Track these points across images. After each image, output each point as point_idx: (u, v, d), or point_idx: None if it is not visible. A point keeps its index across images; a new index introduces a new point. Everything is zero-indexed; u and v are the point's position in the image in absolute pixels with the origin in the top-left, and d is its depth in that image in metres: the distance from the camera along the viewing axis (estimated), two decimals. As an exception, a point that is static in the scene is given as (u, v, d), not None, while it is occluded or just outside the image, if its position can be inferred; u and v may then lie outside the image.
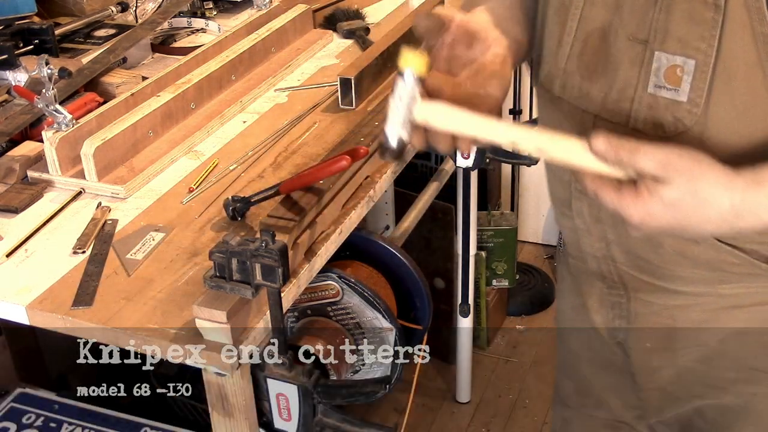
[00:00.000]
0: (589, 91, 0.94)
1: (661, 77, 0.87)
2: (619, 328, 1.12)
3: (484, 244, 2.46)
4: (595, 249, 1.05)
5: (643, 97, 0.89)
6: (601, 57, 0.92)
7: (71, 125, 1.30)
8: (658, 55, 0.87)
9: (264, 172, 1.32)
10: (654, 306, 1.05)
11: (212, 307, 0.96)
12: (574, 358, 1.28)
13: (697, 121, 0.86)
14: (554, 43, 0.98)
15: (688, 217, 0.80)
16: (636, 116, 0.90)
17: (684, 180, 0.79)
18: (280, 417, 1.07)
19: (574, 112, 0.96)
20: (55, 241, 1.18)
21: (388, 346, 1.38)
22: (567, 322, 1.27)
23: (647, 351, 1.10)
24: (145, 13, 1.97)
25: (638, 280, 1.04)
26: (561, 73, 0.97)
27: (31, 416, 1.50)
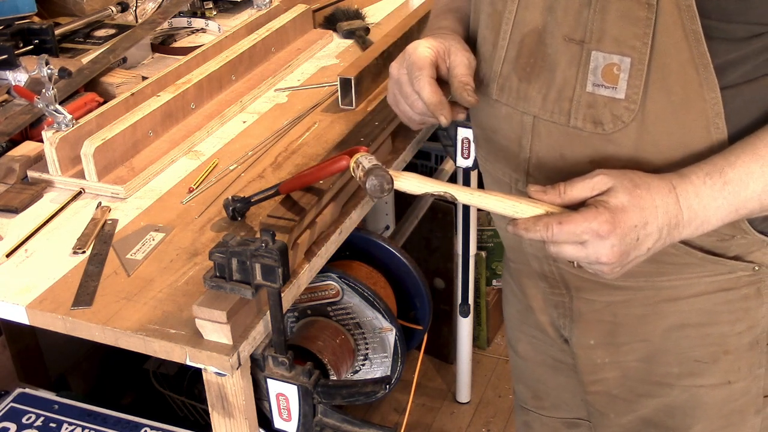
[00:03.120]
0: (528, 93, 0.96)
1: (598, 76, 0.89)
2: (564, 326, 1.14)
3: (484, 244, 2.47)
4: (536, 249, 1.07)
5: (582, 96, 0.91)
6: (538, 58, 0.94)
7: (71, 125, 1.30)
8: (595, 55, 0.89)
9: (264, 172, 1.32)
10: (596, 303, 1.07)
11: (212, 307, 0.96)
12: (525, 363, 1.29)
13: (635, 118, 0.89)
14: (488, 48, 1.00)
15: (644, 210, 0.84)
16: (576, 115, 0.92)
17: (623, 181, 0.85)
18: (280, 417, 1.07)
19: (512, 115, 0.98)
20: (55, 241, 1.18)
21: (388, 347, 1.38)
22: (514, 327, 1.28)
23: (591, 348, 1.11)
24: (145, 13, 1.97)
25: (579, 278, 1.05)
26: (497, 76, 0.99)
27: (31, 416, 1.50)
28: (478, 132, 1.09)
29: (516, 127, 0.98)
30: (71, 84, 1.50)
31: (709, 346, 1.04)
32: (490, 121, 1.03)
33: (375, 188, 0.91)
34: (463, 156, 1.64)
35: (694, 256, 0.97)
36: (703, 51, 0.85)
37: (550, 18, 0.92)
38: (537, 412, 1.32)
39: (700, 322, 1.03)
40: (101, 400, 1.55)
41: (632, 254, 0.86)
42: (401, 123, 1.41)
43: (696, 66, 0.85)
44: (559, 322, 1.15)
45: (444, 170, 2.04)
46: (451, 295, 2.36)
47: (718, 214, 0.87)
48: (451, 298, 2.37)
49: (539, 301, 1.16)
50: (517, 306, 1.24)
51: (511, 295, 1.25)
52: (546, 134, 0.96)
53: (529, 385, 1.31)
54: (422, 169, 2.50)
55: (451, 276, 2.35)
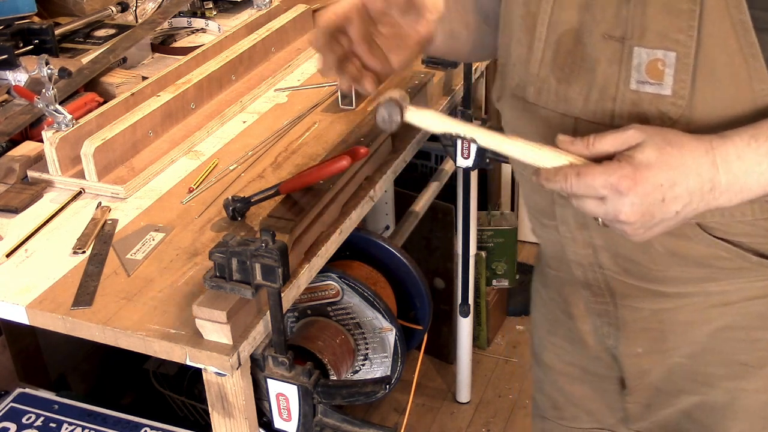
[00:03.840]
0: (568, 94, 0.93)
1: (642, 72, 0.87)
2: (608, 335, 1.11)
3: (484, 244, 2.47)
4: (580, 257, 1.04)
5: (626, 94, 0.88)
6: (576, 58, 0.91)
7: (71, 125, 1.30)
8: (638, 51, 0.86)
9: (264, 172, 1.32)
10: (642, 311, 1.04)
11: (212, 307, 0.96)
12: (548, 372, 1.27)
13: (682, 114, 0.86)
14: (524, 51, 0.97)
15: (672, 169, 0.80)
16: (620, 114, 0.89)
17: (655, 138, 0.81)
18: (280, 417, 1.07)
19: (552, 117, 0.95)
20: (55, 241, 1.18)
21: (388, 347, 1.38)
22: (542, 336, 1.26)
23: (638, 356, 1.09)
24: (145, 13, 1.97)
25: (626, 285, 1.03)
26: (534, 79, 0.96)
27: (31, 416, 1.49)
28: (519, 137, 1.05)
29: (556, 130, 0.92)
30: (71, 84, 1.50)
31: (758, 350, 1.01)
32: (526, 126, 0.99)
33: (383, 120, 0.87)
34: (463, 156, 1.64)
35: (748, 260, 0.94)
36: (752, 41, 0.81)
37: (587, 16, 0.89)
38: (556, 421, 1.30)
39: (749, 325, 1.00)
40: (101, 400, 1.55)
41: (657, 216, 0.81)
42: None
43: (745, 57, 0.82)
44: (602, 331, 1.11)
45: (444, 170, 2.04)
46: (451, 295, 2.36)
47: (762, 180, 0.81)
48: (451, 298, 2.37)
49: (581, 309, 1.12)
50: (547, 315, 1.21)
51: (541, 304, 1.22)
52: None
53: (549, 395, 1.29)
54: (422, 169, 2.50)
55: (451, 276, 2.35)
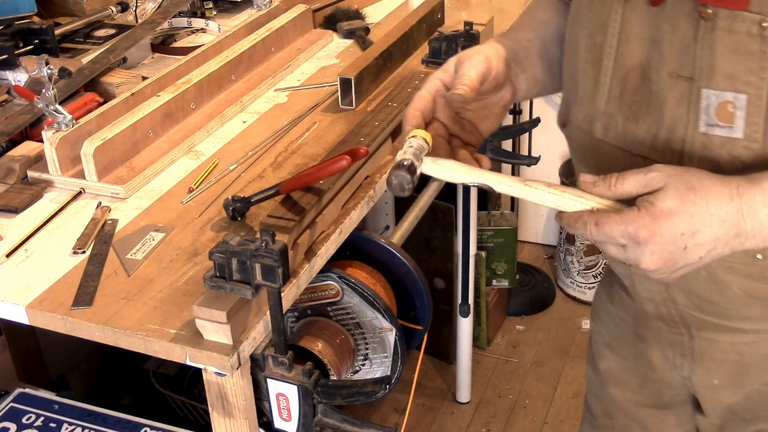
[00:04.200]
0: (635, 133, 0.89)
1: (712, 115, 0.83)
2: (681, 365, 1.08)
3: (484, 244, 2.47)
4: (652, 293, 1.01)
5: (696, 137, 0.84)
6: (644, 96, 0.87)
7: (71, 125, 1.30)
8: (706, 93, 0.82)
9: (264, 172, 1.32)
10: (719, 343, 1.01)
11: (212, 307, 0.96)
12: (604, 381, 1.23)
13: (756, 157, 0.82)
14: (590, 84, 0.93)
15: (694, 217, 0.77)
16: (689, 157, 0.85)
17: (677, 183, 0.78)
18: (280, 417, 1.07)
19: (619, 155, 0.91)
20: (55, 241, 1.18)
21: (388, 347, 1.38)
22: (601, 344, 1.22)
23: (715, 388, 1.06)
24: (145, 13, 1.97)
25: (702, 321, 0.99)
26: (601, 114, 0.92)
27: (31, 416, 1.50)
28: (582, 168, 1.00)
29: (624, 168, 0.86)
30: (71, 84, 1.50)
31: None
32: (596, 160, 0.96)
33: (395, 188, 0.85)
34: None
35: None
36: None
37: (654, 52, 0.85)
38: (607, 429, 1.28)
39: None
40: (101, 400, 1.55)
41: (680, 263, 0.79)
42: (401, 123, 1.41)
43: None
44: (674, 361, 1.08)
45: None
46: (451, 295, 2.36)
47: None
48: (451, 298, 2.37)
49: (652, 335, 1.10)
50: (612, 329, 1.18)
51: (607, 317, 1.19)
52: None
53: (603, 403, 1.26)
54: (422, 169, 2.50)
55: (451, 276, 2.35)
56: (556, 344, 2.66)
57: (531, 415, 2.40)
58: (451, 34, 1.62)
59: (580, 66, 0.95)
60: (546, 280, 2.89)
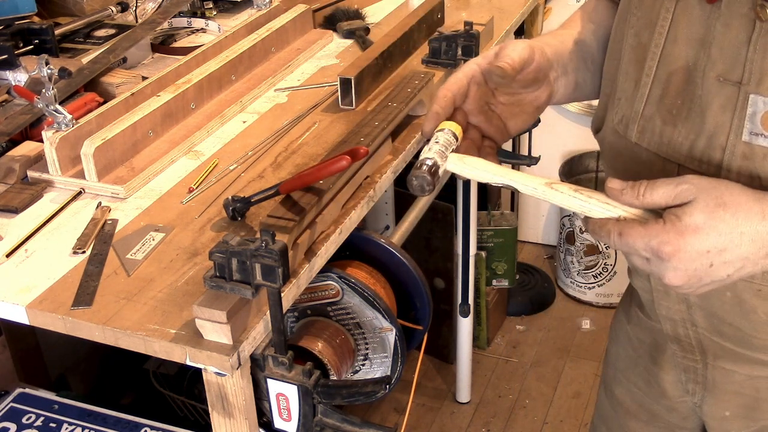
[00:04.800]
0: (673, 138, 0.85)
1: (757, 123, 0.78)
2: (693, 392, 1.05)
3: (484, 244, 2.47)
4: (672, 312, 0.98)
5: (737, 146, 0.80)
6: (686, 100, 0.83)
7: (71, 125, 1.30)
8: (754, 99, 0.78)
9: (264, 172, 1.32)
10: (735, 375, 0.98)
11: (212, 307, 0.96)
12: (617, 408, 1.20)
13: None
14: (630, 85, 0.89)
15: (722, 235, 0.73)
16: (728, 167, 0.81)
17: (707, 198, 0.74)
18: (280, 417, 1.07)
19: (654, 161, 0.88)
20: (55, 241, 1.18)
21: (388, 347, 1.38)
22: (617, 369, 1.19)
23: (725, 419, 1.03)
24: (145, 13, 1.97)
25: (720, 347, 0.96)
26: (638, 117, 0.88)
27: (31, 416, 1.50)
28: (612, 174, 0.95)
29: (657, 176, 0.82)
30: (71, 84, 1.50)
31: None
32: (628, 166, 0.91)
33: (415, 189, 0.84)
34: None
35: None
36: None
37: (702, 54, 0.81)
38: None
39: None
40: (101, 400, 1.55)
41: (705, 279, 0.75)
42: (401, 123, 1.41)
43: None
44: (687, 387, 1.05)
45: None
46: (451, 295, 2.36)
47: None
48: (451, 298, 2.37)
49: (666, 361, 1.07)
50: (629, 351, 1.15)
51: (625, 338, 1.15)
52: None
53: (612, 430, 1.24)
54: (422, 169, 2.50)
55: (451, 276, 2.35)
56: (556, 344, 2.66)
57: (531, 415, 2.40)
58: (451, 34, 1.62)
59: (622, 66, 0.91)
60: (546, 280, 2.90)
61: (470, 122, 0.93)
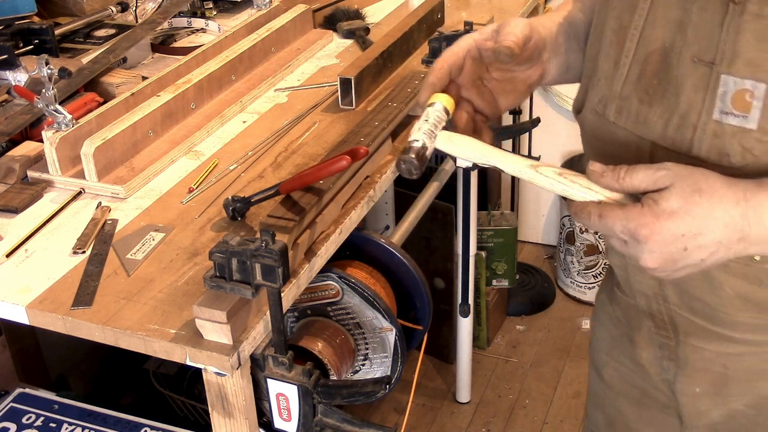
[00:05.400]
0: (648, 117, 0.88)
1: (727, 102, 0.81)
2: (668, 369, 1.06)
3: (484, 244, 2.47)
4: (645, 287, 1.00)
5: (708, 124, 0.82)
6: (661, 80, 0.86)
7: (71, 125, 1.30)
8: (725, 79, 0.80)
9: (264, 172, 1.32)
10: (705, 352, 1.00)
11: (212, 307, 0.96)
12: (607, 390, 1.21)
13: (767, 151, 0.80)
14: (610, 66, 0.92)
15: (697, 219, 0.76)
16: (699, 144, 0.83)
17: (684, 184, 0.77)
18: (280, 417, 1.07)
19: (630, 139, 0.90)
20: (55, 241, 1.18)
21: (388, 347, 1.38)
22: (604, 351, 1.20)
23: (696, 395, 1.04)
24: (145, 13, 1.97)
25: (690, 323, 0.98)
26: (616, 97, 0.91)
27: (31, 416, 1.49)
28: (591, 153, 0.99)
29: (633, 154, 0.88)
30: (71, 84, 1.50)
31: None
32: (605, 146, 0.94)
33: (403, 172, 0.86)
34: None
35: None
36: None
37: (678, 36, 0.84)
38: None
39: None
40: (101, 400, 1.55)
41: (680, 263, 0.78)
42: (401, 123, 1.41)
43: None
44: (662, 364, 1.07)
45: (444, 170, 2.04)
46: (451, 295, 2.36)
47: None
48: (451, 298, 2.37)
49: (643, 336, 1.07)
50: (613, 331, 1.16)
51: (608, 320, 1.17)
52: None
53: (606, 413, 1.24)
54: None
55: (451, 276, 2.35)
56: (556, 344, 2.66)
57: (531, 415, 2.40)
58: (451, 34, 1.62)
59: (603, 48, 0.93)
60: (546, 280, 2.89)
61: (462, 96, 0.96)
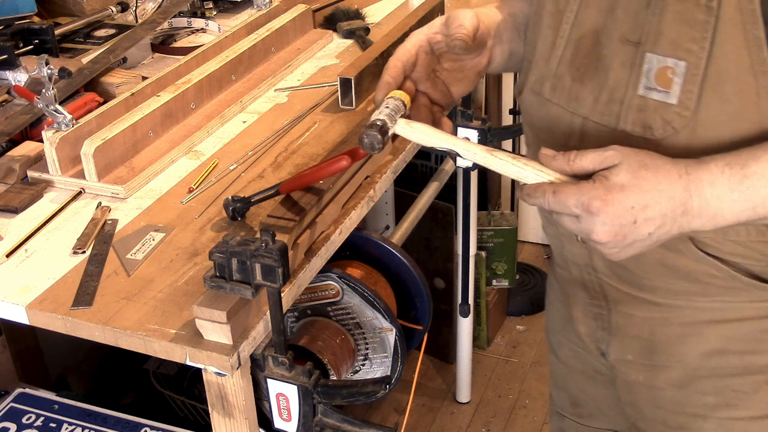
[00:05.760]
0: (580, 94, 0.93)
1: (651, 79, 0.87)
2: (601, 339, 1.11)
3: (484, 244, 2.47)
4: (576, 256, 1.04)
5: (633, 99, 0.88)
6: (592, 59, 0.92)
7: (71, 125, 1.30)
8: (650, 57, 0.86)
9: (264, 172, 1.32)
10: (634, 318, 1.04)
11: (212, 307, 0.96)
12: (565, 368, 1.26)
13: (686, 125, 0.85)
14: (547, 47, 0.97)
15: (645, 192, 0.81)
16: (625, 118, 0.89)
17: (631, 161, 0.82)
18: (280, 417, 1.07)
19: (563, 115, 0.96)
20: (55, 241, 1.18)
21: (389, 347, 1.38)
22: (557, 332, 1.25)
23: (628, 363, 1.08)
24: (145, 13, 1.97)
25: (619, 291, 1.03)
26: (552, 76, 0.97)
27: (31, 416, 1.50)
28: (529, 132, 1.06)
29: (566, 129, 0.95)
30: (71, 84, 1.50)
31: (751, 374, 1.00)
32: (541, 122, 1.00)
33: (366, 146, 0.90)
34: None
35: (739, 280, 0.93)
36: (764, 58, 0.81)
37: (609, 18, 0.90)
38: (574, 419, 1.29)
39: (742, 349, 0.99)
40: (101, 400, 1.55)
41: (630, 237, 0.82)
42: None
43: (755, 74, 0.82)
44: (597, 335, 1.11)
45: (444, 170, 2.04)
46: (451, 295, 2.36)
47: (734, 208, 0.81)
48: (451, 298, 2.37)
49: (579, 310, 1.13)
50: (560, 312, 1.21)
51: (557, 300, 1.23)
52: (594, 137, 0.93)
53: (568, 392, 1.28)
54: (422, 169, 2.50)
55: (451, 276, 2.35)
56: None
57: (531, 415, 2.40)
58: (451, 34, 1.62)
59: (541, 31, 0.99)
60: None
61: (419, 89, 1.01)
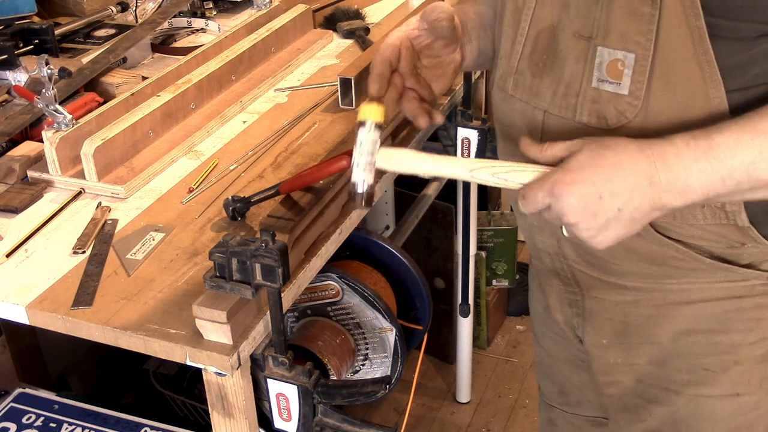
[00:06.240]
0: (539, 88, 0.97)
1: (603, 71, 0.90)
2: (578, 325, 1.14)
3: (484, 244, 2.46)
4: (547, 246, 1.07)
5: (588, 91, 0.92)
6: (550, 54, 0.95)
7: (71, 125, 1.30)
8: (601, 50, 0.90)
9: (264, 172, 1.32)
10: (606, 303, 1.07)
11: (212, 307, 0.96)
12: (550, 358, 1.29)
13: (637, 114, 0.89)
14: (508, 44, 1.01)
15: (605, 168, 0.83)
16: (581, 110, 0.93)
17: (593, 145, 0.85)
18: (280, 417, 1.07)
19: (525, 109, 0.99)
20: (55, 241, 1.18)
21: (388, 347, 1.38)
22: (540, 323, 1.28)
23: (604, 347, 1.11)
24: (145, 13, 1.97)
25: (589, 277, 1.06)
26: (513, 72, 1.00)
27: (31, 416, 1.50)
28: (498, 127, 1.10)
29: (528, 122, 0.99)
30: (71, 84, 1.50)
31: (719, 354, 1.02)
32: (506, 116, 1.04)
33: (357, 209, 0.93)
34: (462, 156, 1.64)
35: (702, 261, 0.96)
36: (707, 48, 0.84)
37: (564, 15, 0.93)
38: (562, 408, 1.32)
39: (710, 328, 1.01)
40: (101, 400, 1.55)
41: (600, 214, 0.84)
42: (401, 123, 1.41)
43: (700, 63, 0.85)
44: (573, 322, 1.15)
45: (444, 170, 2.04)
46: (451, 295, 2.36)
47: (702, 178, 0.82)
48: (451, 298, 2.37)
49: (555, 299, 1.16)
50: (541, 301, 1.24)
51: (537, 291, 1.26)
52: (555, 129, 0.96)
53: (555, 381, 1.31)
54: (422, 169, 2.50)
55: (451, 276, 2.35)
56: (556, 344, 2.66)
57: (531, 415, 2.40)
58: (451, 34, 1.62)
59: (503, 29, 1.03)
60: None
61: (406, 86, 1.05)
